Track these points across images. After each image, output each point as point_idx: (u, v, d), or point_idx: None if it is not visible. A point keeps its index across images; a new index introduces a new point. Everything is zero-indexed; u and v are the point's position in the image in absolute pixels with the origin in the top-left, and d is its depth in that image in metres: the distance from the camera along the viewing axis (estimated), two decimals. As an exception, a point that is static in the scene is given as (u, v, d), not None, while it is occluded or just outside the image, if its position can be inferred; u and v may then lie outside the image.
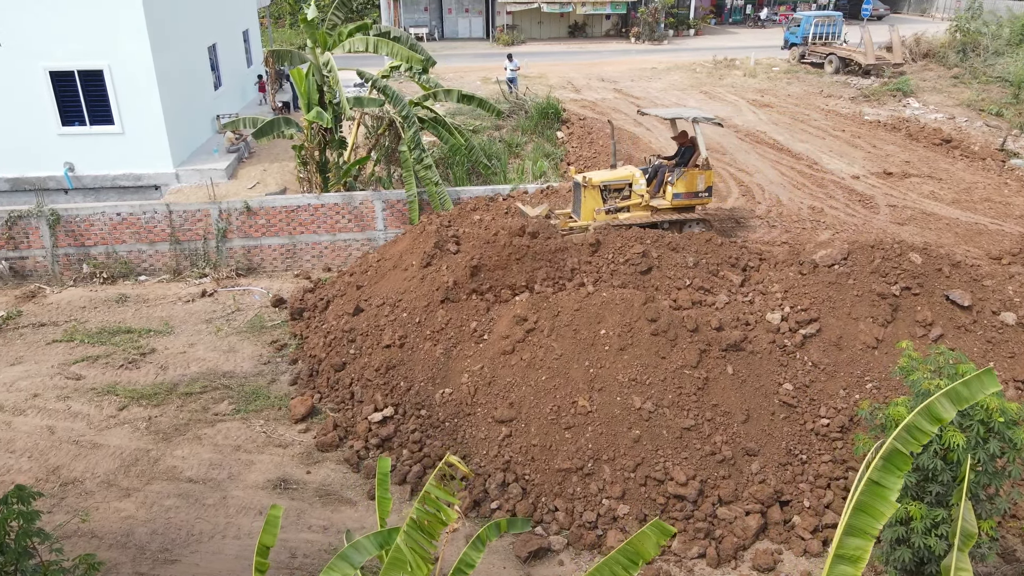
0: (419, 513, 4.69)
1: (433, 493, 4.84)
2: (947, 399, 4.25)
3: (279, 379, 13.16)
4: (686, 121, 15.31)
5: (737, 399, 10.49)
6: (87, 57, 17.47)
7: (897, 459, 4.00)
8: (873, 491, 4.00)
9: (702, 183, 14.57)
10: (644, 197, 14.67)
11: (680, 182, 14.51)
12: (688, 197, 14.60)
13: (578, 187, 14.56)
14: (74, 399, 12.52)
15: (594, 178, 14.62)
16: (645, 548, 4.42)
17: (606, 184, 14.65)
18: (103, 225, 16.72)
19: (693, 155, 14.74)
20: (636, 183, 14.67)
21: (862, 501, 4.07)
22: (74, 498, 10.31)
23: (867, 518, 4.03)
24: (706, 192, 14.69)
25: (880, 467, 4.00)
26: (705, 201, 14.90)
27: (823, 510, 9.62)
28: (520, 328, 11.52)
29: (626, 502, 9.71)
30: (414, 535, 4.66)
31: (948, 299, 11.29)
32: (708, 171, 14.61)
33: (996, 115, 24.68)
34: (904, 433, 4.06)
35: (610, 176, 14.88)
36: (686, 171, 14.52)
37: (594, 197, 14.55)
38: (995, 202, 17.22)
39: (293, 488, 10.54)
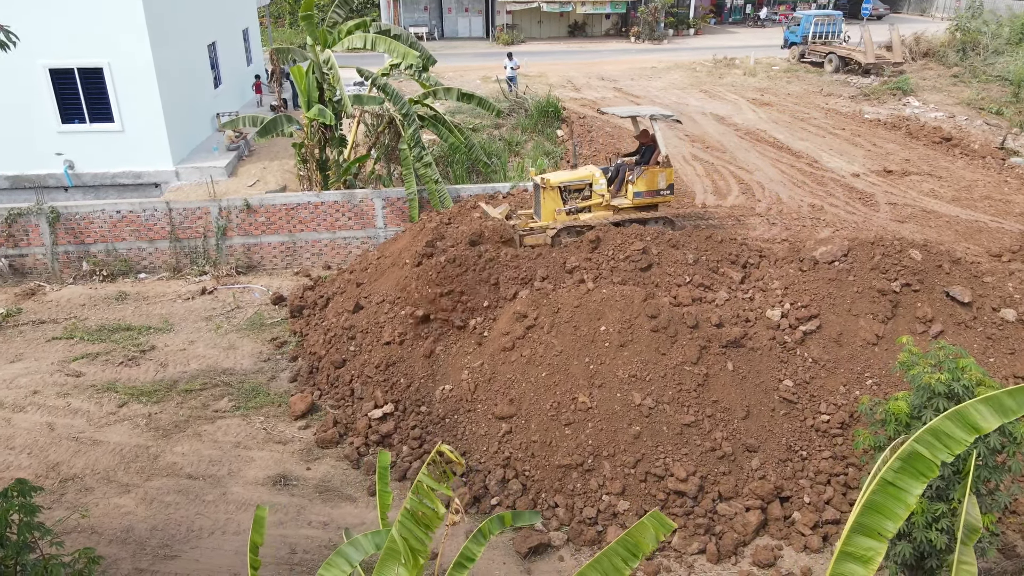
0: (412, 503, 4.68)
1: (425, 483, 4.83)
2: (987, 408, 3.90)
3: (279, 376, 13.16)
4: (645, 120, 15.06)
5: (737, 395, 10.49)
6: (87, 55, 17.46)
7: (919, 463, 3.86)
8: (887, 491, 3.91)
9: (663, 181, 14.28)
10: (605, 197, 14.38)
11: (641, 180, 14.23)
12: (649, 195, 14.32)
13: (538, 188, 14.29)
14: (74, 396, 12.52)
15: (552, 179, 14.31)
16: (644, 540, 4.39)
17: (565, 185, 14.37)
18: (103, 223, 16.72)
19: (654, 153, 14.56)
20: (596, 183, 14.37)
21: (874, 501, 3.97)
22: (74, 494, 10.30)
23: (880, 518, 3.93)
24: (668, 190, 14.41)
25: (897, 468, 3.91)
26: (667, 199, 14.61)
27: (823, 506, 9.61)
28: (520, 325, 11.51)
29: (626, 498, 9.71)
30: (408, 525, 4.64)
31: (948, 296, 11.28)
32: (669, 169, 14.32)
33: (996, 114, 24.69)
34: (930, 437, 3.91)
35: (569, 176, 14.60)
36: (646, 169, 14.24)
37: (553, 198, 14.23)
38: (995, 200, 17.22)
39: (293, 484, 10.53)
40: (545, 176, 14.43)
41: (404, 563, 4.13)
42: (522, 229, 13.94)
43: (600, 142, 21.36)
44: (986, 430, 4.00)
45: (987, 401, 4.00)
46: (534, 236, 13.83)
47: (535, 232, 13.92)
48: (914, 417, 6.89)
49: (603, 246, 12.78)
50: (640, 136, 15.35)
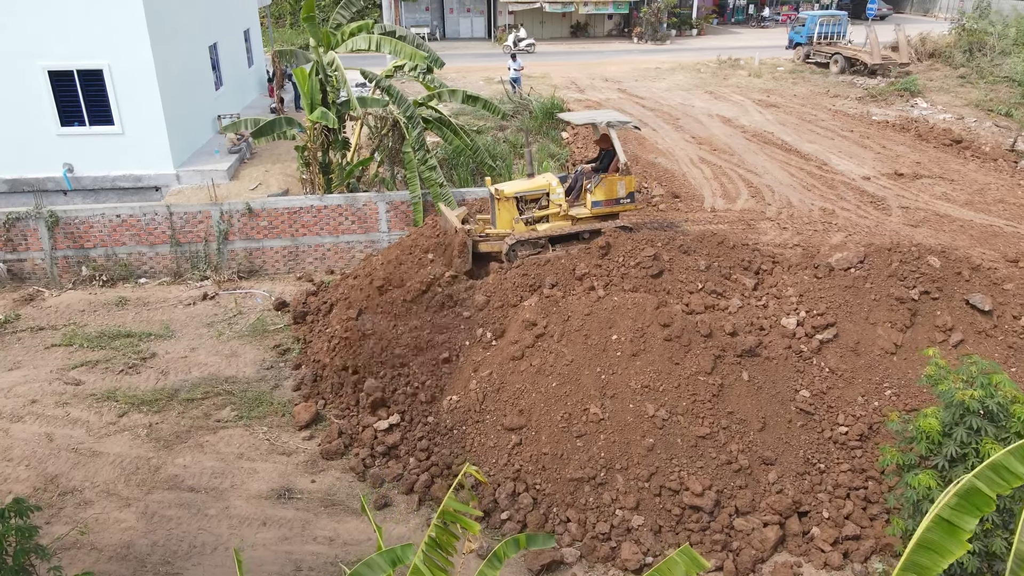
0: (437, 531, 4.43)
1: (452, 507, 4.58)
2: None
3: (282, 384, 12.90)
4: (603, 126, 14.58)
5: (753, 406, 10.24)
6: (86, 56, 17.20)
7: (977, 498, 3.67)
8: (943, 529, 3.71)
9: (623, 189, 13.77)
10: (563, 206, 13.91)
11: (599, 189, 13.73)
12: (608, 204, 13.83)
13: (493, 198, 13.84)
14: (73, 405, 12.26)
15: (506, 189, 13.83)
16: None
17: (520, 195, 13.90)
18: (103, 227, 16.45)
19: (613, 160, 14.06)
20: (553, 192, 13.90)
21: (929, 539, 3.78)
22: (73, 508, 10.04)
23: (934, 556, 3.74)
24: (628, 198, 13.90)
25: (954, 504, 3.71)
26: (628, 207, 14.14)
27: (843, 521, 9.36)
28: (529, 333, 11.26)
29: (640, 513, 9.45)
30: (432, 554, 4.40)
31: (968, 303, 11.03)
32: (629, 176, 13.83)
33: (1005, 115, 24.44)
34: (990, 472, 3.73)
35: (525, 186, 14.10)
36: (604, 178, 13.75)
37: (508, 209, 13.78)
38: (1009, 203, 16.96)
39: (297, 497, 10.27)
40: (498, 186, 13.95)
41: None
42: (478, 234, 13.53)
43: (606, 144, 21.08)
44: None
45: None
46: (489, 243, 13.36)
47: (491, 239, 13.45)
48: (945, 435, 6.63)
49: (613, 252, 12.52)
50: (601, 142, 14.80)
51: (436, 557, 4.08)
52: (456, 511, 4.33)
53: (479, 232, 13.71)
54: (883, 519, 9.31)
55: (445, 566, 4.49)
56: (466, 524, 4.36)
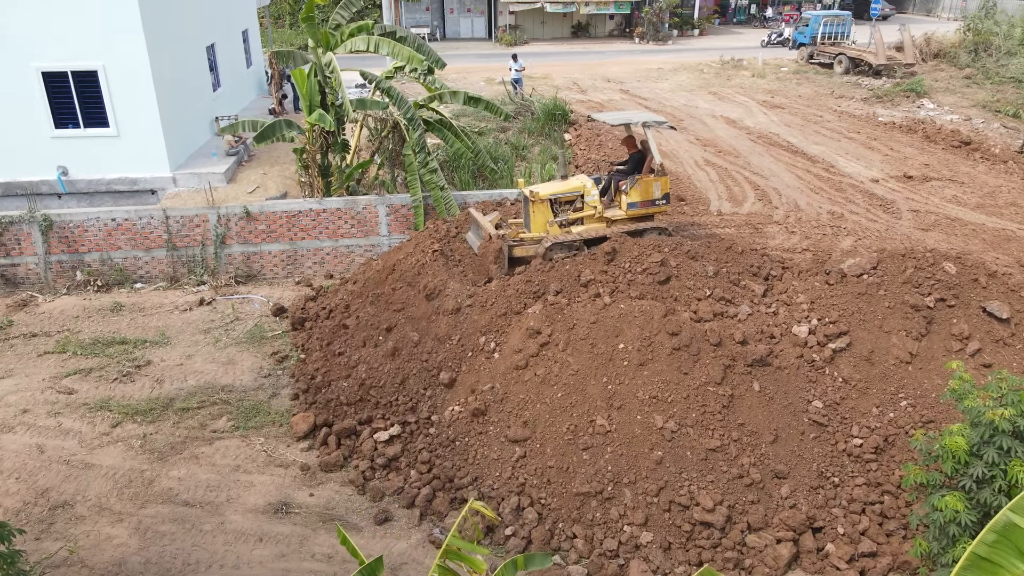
0: (441, 572, 4.13)
1: (455, 545, 4.28)
2: None
3: (280, 393, 12.59)
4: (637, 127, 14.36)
5: (764, 418, 9.94)
6: (81, 57, 16.89)
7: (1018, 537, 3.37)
8: (982, 569, 3.41)
9: (658, 190, 13.58)
10: (597, 208, 13.70)
11: (634, 191, 13.51)
12: (644, 206, 13.63)
13: (527, 200, 13.61)
14: (65, 415, 11.95)
15: (540, 191, 13.59)
16: None
17: (555, 197, 13.68)
18: (97, 231, 16.15)
19: (646, 161, 13.81)
20: (588, 194, 13.66)
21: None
22: (64, 523, 9.74)
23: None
24: (663, 199, 13.71)
25: (991, 542, 3.39)
26: (663, 209, 13.92)
27: (858, 537, 9.06)
28: (534, 342, 10.95)
29: (649, 529, 9.15)
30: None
31: (985, 311, 10.72)
32: (664, 177, 13.64)
33: (1013, 116, 24.13)
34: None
35: (559, 188, 13.87)
36: (639, 179, 13.54)
37: (542, 211, 13.53)
38: (1021, 207, 16.66)
39: (295, 512, 9.97)
40: (534, 188, 13.71)
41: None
42: (512, 239, 13.29)
43: (609, 146, 20.79)
44: None
45: None
46: (524, 248, 13.13)
47: (525, 243, 13.23)
48: (973, 454, 6.32)
49: (619, 258, 12.21)
50: (627, 143, 14.60)
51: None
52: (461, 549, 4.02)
53: (513, 237, 13.49)
54: (900, 535, 9.01)
55: None
56: (472, 564, 4.05)
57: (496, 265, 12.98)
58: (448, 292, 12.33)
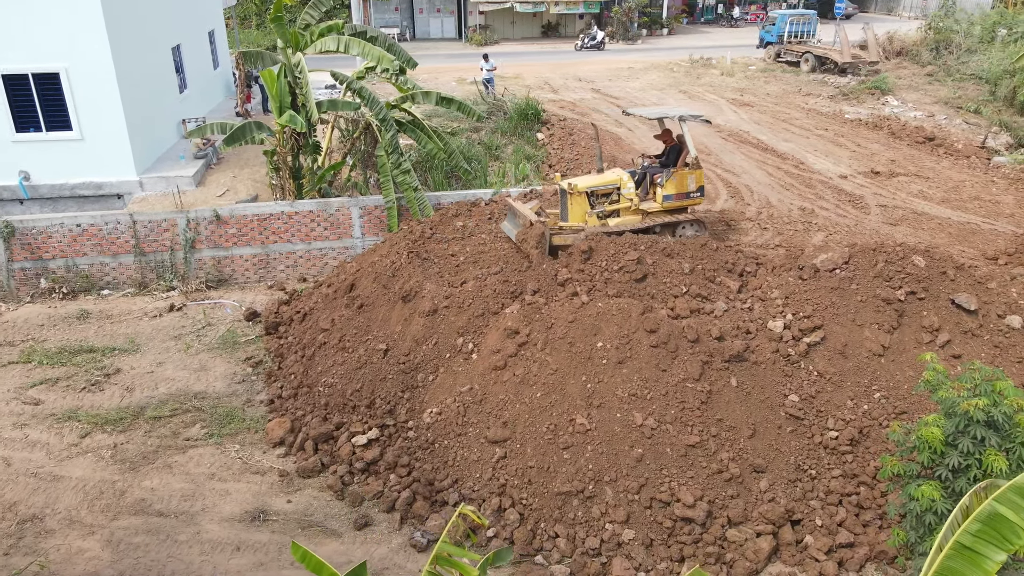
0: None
1: (446, 551, 4.22)
2: None
3: (255, 399, 12.40)
4: (673, 120, 14.72)
5: (742, 413, 10.01)
6: (42, 59, 16.45)
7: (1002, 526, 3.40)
8: (965, 556, 3.44)
9: (693, 183, 14.01)
10: (633, 201, 14.09)
11: (670, 183, 13.91)
12: (679, 198, 14.04)
13: (564, 193, 13.89)
14: (32, 427, 11.64)
15: (579, 184, 13.95)
16: None
17: (592, 189, 14.01)
18: (62, 237, 15.77)
19: (681, 154, 14.17)
20: (624, 187, 14.04)
21: (948, 567, 3.52)
22: (33, 537, 9.48)
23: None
24: (698, 192, 14.15)
25: (975, 531, 3.43)
26: (697, 201, 14.36)
27: (836, 528, 9.16)
28: (512, 342, 10.92)
29: (631, 526, 9.16)
30: None
31: (954, 303, 10.92)
32: (698, 170, 14.07)
33: (974, 112, 24.65)
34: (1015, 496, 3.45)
35: (596, 181, 14.22)
36: (675, 172, 13.92)
37: (580, 203, 13.87)
38: (984, 200, 17.03)
39: (273, 520, 9.82)
40: (572, 181, 14.09)
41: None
42: (551, 228, 13.51)
43: (582, 145, 20.82)
44: None
45: None
46: (563, 236, 13.35)
47: (564, 233, 13.46)
48: (949, 444, 6.42)
49: (596, 257, 12.23)
50: (663, 137, 14.96)
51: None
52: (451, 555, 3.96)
53: (552, 226, 13.67)
54: (876, 525, 9.14)
55: None
56: (463, 570, 3.99)
57: (537, 250, 13.14)
58: (424, 293, 12.25)
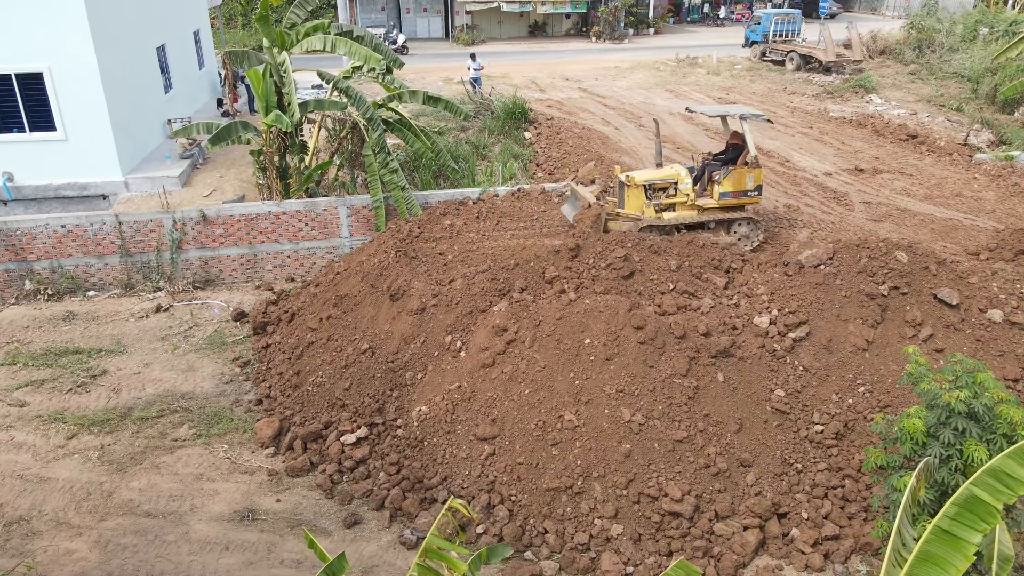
0: (420, 571, 4.10)
1: (435, 544, 4.26)
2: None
3: (243, 399, 12.38)
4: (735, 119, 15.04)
5: (729, 408, 10.10)
6: (25, 59, 16.32)
7: (980, 508, 3.50)
8: (944, 541, 3.53)
9: (751, 182, 14.34)
10: (690, 196, 14.44)
11: (727, 181, 14.29)
12: (736, 196, 14.41)
13: (622, 185, 14.49)
14: (18, 428, 11.57)
15: (637, 177, 14.44)
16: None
17: (650, 183, 14.45)
18: (46, 238, 15.65)
19: (742, 153, 14.48)
20: (681, 182, 14.47)
21: (928, 551, 3.61)
22: (20, 539, 9.43)
23: (937, 570, 3.56)
24: (755, 191, 14.47)
25: (953, 515, 3.52)
26: (754, 200, 14.67)
27: (822, 521, 9.27)
28: (500, 339, 10.96)
29: (619, 521, 9.23)
30: None
31: (936, 298, 11.07)
32: (758, 169, 14.38)
33: (956, 110, 24.95)
34: (990, 479, 3.56)
35: (654, 175, 14.67)
36: (733, 170, 14.25)
37: (637, 195, 14.37)
38: (966, 197, 17.25)
39: (262, 519, 9.81)
40: (630, 174, 14.51)
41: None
42: (609, 213, 13.87)
43: (570, 144, 20.89)
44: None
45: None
46: (619, 222, 13.84)
47: (620, 219, 13.96)
48: (931, 436, 6.52)
49: (583, 254, 12.29)
50: (732, 138, 15.28)
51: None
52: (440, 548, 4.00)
53: (610, 211, 14.10)
54: (861, 518, 9.25)
55: None
56: (452, 564, 4.03)
57: (592, 229, 13.56)
58: (412, 292, 12.27)
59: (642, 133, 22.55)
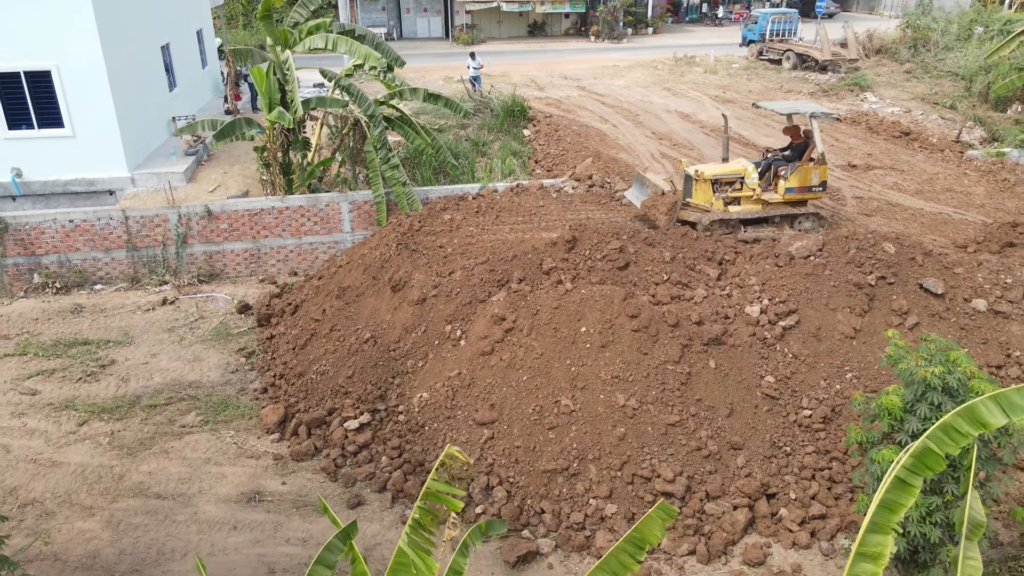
0: (420, 512, 4.44)
1: (434, 487, 4.60)
2: (995, 404, 4.07)
3: (248, 388, 12.71)
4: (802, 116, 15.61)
5: (720, 393, 10.43)
6: (34, 57, 16.66)
7: (929, 458, 3.88)
8: (898, 488, 3.90)
9: (816, 178, 14.77)
10: (756, 191, 14.89)
11: (794, 176, 14.72)
12: (801, 191, 14.84)
13: (689, 179, 14.92)
14: (30, 415, 11.90)
15: (705, 171, 14.88)
16: (651, 532, 4.30)
17: (717, 177, 14.91)
18: (55, 233, 15.99)
19: (807, 150, 14.85)
20: (748, 177, 14.93)
21: (887, 499, 3.95)
22: (34, 520, 9.76)
23: (890, 514, 3.92)
24: (820, 187, 14.89)
25: (909, 465, 3.89)
26: (818, 195, 15.10)
27: (809, 501, 9.59)
28: (499, 328, 11.28)
29: (613, 501, 9.56)
30: (416, 536, 4.41)
31: (922, 287, 11.40)
32: (823, 166, 14.81)
33: (950, 108, 25.28)
34: (940, 432, 3.93)
35: (722, 170, 15.13)
36: (800, 166, 14.68)
37: (705, 190, 14.82)
38: (956, 192, 17.58)
39: (268, 500, 10.14)
40: (699, 168, 14.97)
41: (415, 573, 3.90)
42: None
43: (568, 141, 21.23)
44: (994, 426, 4.05)
45: (996, 398, 4.08)
46: (688, 212, 14.50)
47: (690, 209, 14.59)
48: (907, 411, 6.85)
49: (579, 246, 12.62)
50: (790, 132, 15.65)
51: (420, 539, 4.09)
52: (440, 492, 4.35)
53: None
54: (848, 498, 9.57)
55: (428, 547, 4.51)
56: (449, 503, 4.38)
57: (667, 216, 14.15)
58: (413, 283, 12.60)
59: (640, 131, 22.90)
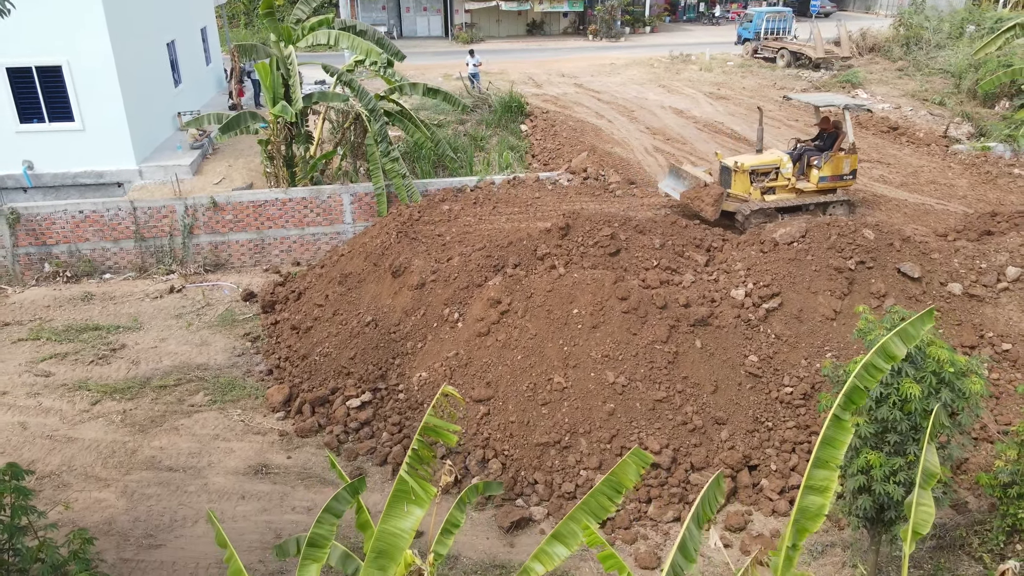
0: (419, 444, 4.91)
1: (432, 423, 5.08)
2: (897, 338, 4.77)
3: (254, 370, 13.21)
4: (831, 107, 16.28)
5: (706, 371, 10.93)
6: (45, 53, 17.16)
7: (855, 394, 4.43)
8: (835, 425, 4.42)
9: (847, 167, 15.42)
10: (791, 180, 15.54)
11: (827, 166, 15.36)
12: (833, 180, 15.47)
13: (727, 170, 15.55)
14: (45, 395, 12.40)
15: (745, 163, 15.52)
16: (627, 476, 4.77)
17: (755, 168, 15.53)
18: (65, 223, 16.49)
19: (838, 140, 15.46)
20: (784, 167, 15.57)
21: (827, 435, 4.48)
22: (52, 491, 10.26)
23: (831, 450, 4.44)
24: (851, 175, 15.56)
25: (842, 403, 4.41)
26: (849, 183, 15.73)
27: (789, 472, 10.10)
28: (495, 310, 11.78)
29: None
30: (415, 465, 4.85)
31: (900, 271, 11.90)
32: (854, 155, 15.44)
33: (939, 104, 25.75)
34: (863, 371, 4.48)
35: (759, 160, 15.78)
36: (833, 155, 15.30)
37: (742, 180, 15.44)
38: (940, 184, 18.08)
39: (274, 472, 10.64)
40: (738, 160, 15.61)
41: (414, 499, 4.39)
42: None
43: (564, 136, 21.72)
44: (899, 357, 4.74)
45: (897, 334, 4.70)
46: (728, 203, 15.14)
47: (730, 200, 15.25)
48: (872, 377, 7.34)
49: (572, 233, 13.12)
50: (821, 123, 16.27)
51: (419, 468, 4.58)
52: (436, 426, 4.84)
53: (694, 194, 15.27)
54: (826, 469, 10.06)
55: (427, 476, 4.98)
56: (445, 438, 4.88)
57: (713, 207, 14.75)
58: (413, 268, 13.10)
59: (634, 126, 23.39)
